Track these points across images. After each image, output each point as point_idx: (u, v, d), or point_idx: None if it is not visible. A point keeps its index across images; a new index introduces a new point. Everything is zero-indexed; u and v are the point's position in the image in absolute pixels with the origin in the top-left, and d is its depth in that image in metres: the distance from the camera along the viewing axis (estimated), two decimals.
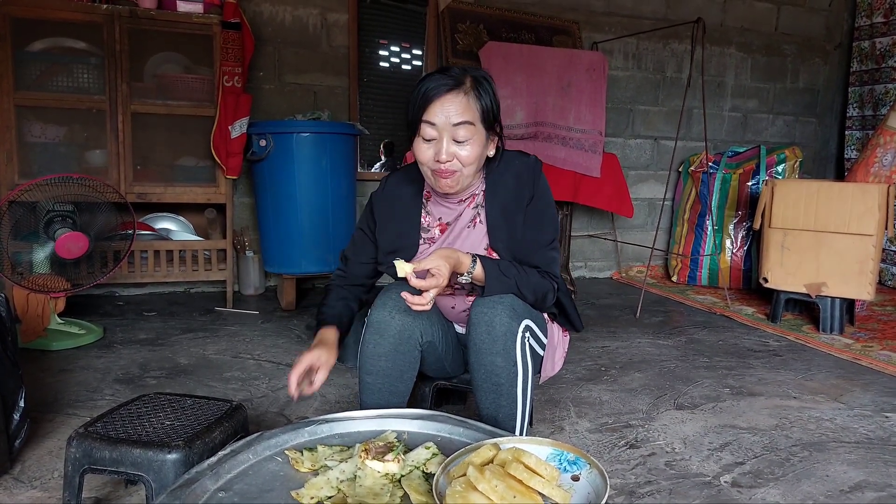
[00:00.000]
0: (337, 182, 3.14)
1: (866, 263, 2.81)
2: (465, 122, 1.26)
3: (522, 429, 1.37)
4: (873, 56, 4.16)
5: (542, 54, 3.50)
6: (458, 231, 1.42)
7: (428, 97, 1.26)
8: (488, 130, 1.32)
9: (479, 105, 1.29)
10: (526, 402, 1.36)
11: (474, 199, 1.42)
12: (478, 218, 1.41)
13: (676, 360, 2.51)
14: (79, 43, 2.87)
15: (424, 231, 1.45)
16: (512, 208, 1.39)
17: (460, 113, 1.26)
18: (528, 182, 1.39)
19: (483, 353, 1.31)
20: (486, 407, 1.35)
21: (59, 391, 2.02)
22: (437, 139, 1.28)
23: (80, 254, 2.42)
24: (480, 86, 1.30)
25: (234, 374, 2.22)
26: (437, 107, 1.26)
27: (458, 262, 1.27)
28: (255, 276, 3.49)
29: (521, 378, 1.33)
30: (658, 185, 4.36)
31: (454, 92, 1.26)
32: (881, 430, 1.89)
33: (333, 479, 1.01)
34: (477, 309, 1.31)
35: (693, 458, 1.68)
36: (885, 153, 2.86)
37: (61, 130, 2.93)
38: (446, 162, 1.28)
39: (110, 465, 1.16)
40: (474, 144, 1.29)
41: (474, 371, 1.34)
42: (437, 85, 1.26)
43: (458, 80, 1.28)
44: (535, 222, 1.39)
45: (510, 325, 1.30)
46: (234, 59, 2.97)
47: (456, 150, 1.28)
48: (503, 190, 1.39)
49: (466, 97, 1.27)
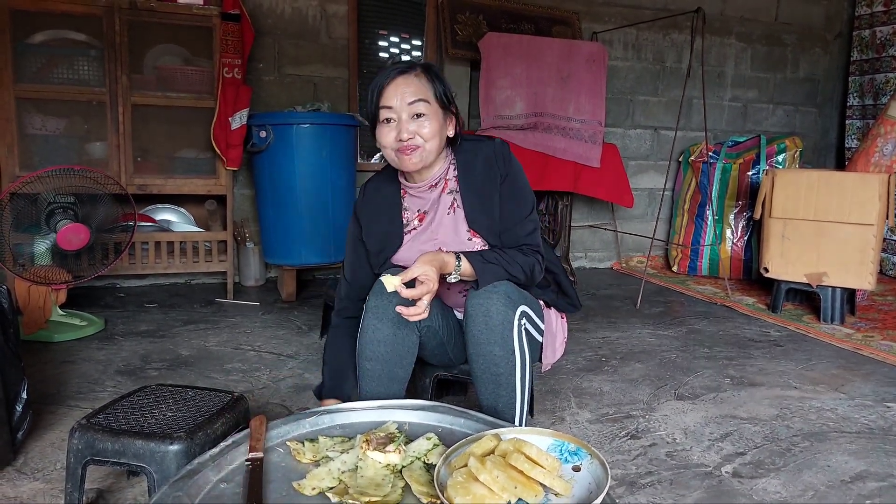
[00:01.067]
0: (337, 173, 3.13)
1: (867, 253, 2.81)
2: (419, 99, 1.34)
3: (522, 418, 1.38)
4: (873, 45, 4.14)
5: (542, 45, 3.48)
6: (438, 218, 1.46)
7: (381, 85, 1.34)
8: (444, 110, 1.39)
9: (432, 87, 1.36)
10: (525, 390, 1.37)
11: (447, 185, 1.46)
12: (455, 203, 1.45)
13: (677, 350, 2.52)
14: (79, 35, 2.86)
15: (406, 225, 1.49)
16: (487, 189, 1.43)
17: (413, 92, 1.34)
18: (498, 163, 1.44)
19: (481, 343, 1.32)
20: (486, 397, 1.36)
21: (61, 383, 2.03)
22: (396, 120, 1.35)
23: (82, 245, 2.42)
24: (430, 71, 1.38)
25: (235, 366, 2.23)
26: (390, 90, 1.34)
27: (443, 262, 1.30)
28: (255, 268, 3.49)
29: (519, 366, 1.34)
30: (658, 176, 4.35)
31: (404, 75, 1.35)
32: (882, 419, 1.89)
33: (335, 470, 1.01)
34: (473, 300, 1.32)
35: (694, 449, 1.69)
36: (886, 143, 2.85)
37: (62, 122, 2.92)
38: (408, 139, 1.34)
39: (112, 456, 1.16)
40: (432, 120, 1.36)
41: (473, 361, 1.35)
42: (388, 72, 1.35)
43: (408, 65, 1.36)
44: (511, 196, 1.44)
45: (506, 314, 1.31)
46: (234, 51, 2.96)
47: (416, 126, 1.34)
48: (474, 173, 1.45)
49: (417, 78, 1.35)
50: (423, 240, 1.46)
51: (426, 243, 1.45)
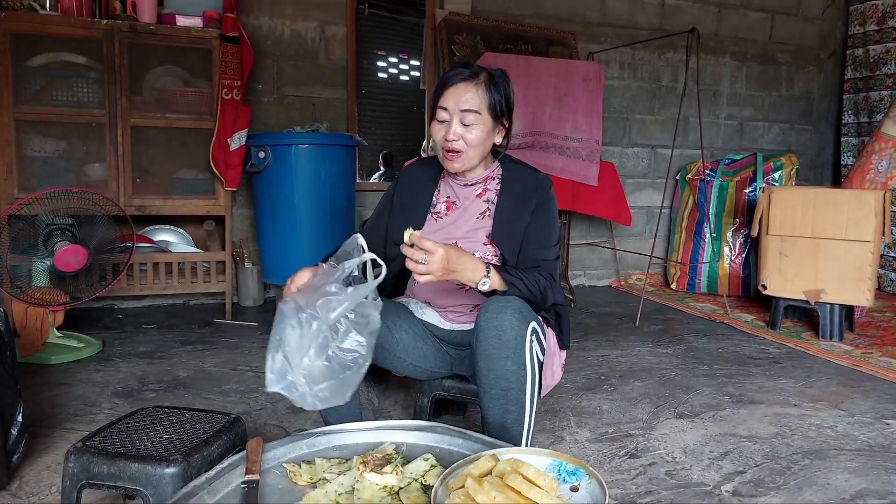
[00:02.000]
0: (336, 193, 3.15)
1: (864, 269, 2.82)
2: (471, 109, 1.42)
3: (529, 434, 1.38)
4: (867, 64, 4.19)
5: (539, 65, 3.52)
6: (467, 217, 1.54)
7: (444, 84, 1.44)
8: (495, 120, 1.46)
9: (489, 97, 1.43)
10: (533, 406, 1.37)
11: (485, 193, 1.55)
12: (487, 212, 1.54)
13: (676, 368, 2.51)
14: (78, 57, 2.89)
15: (433, 207, 1.59)
16: (519, 211, 1.50)
17: (469, 100, 1.42)
18: (537, 193, 1.51)
19: (493, 357, 1.31)
20: (494, 413, 1.35)
21: (58, 405, 2.02)
22: (448, 121, 1.44)
23: (79, 267, 2.42)
24: (493, 81, 1.45)
25: (233, 387, 2.22)
26: (449, 93, 1.43)
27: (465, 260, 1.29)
28: (254, 288, 3.49)
29: (529, 382, 1.34)
30: (656, 193, 4.37)
31: (467, 82, 1.42)
32: (882, 437, 1.88)
33: (332, 493, 1.01)
34: (485, 315, 1.33)
35: (694, 468, 1.67)
36: (881, 160, 2.87)
37: (61, 144, 2.94)
38: (453, 141, 1.43)
39: (108, 479, 1.16)
40: (479, 129, 1.44)
41: (482, 376, 1.34)
42: (454, 74, 1.44)
43: (475, 72, 1.44)
44: (541, 223, 1.51)
45: (519, 329, 1.31)
46: (233, 73, 2.99)
47: (463, 131, 1.43)
48: (513, 194, 1.52)
49: (477, 88, 1.43)
50: (444, 234, 1.53)
51: (448, 237, 1.52)
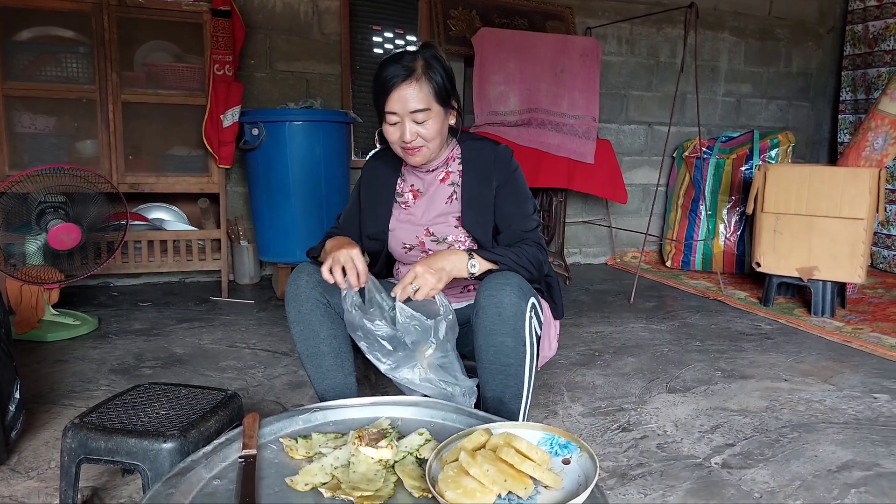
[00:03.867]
0: (331, 170, 3.13)
1: (857, 247, 2.83)
2: (419, 109, 1.40)
3: (526, 409, 1.41)
4: (866, 40, 4.15)
5: (536, 40, 3.48)
6: (435, 204, 1.54)
7: (385, 89, 1.40)
8: (445, 107, 1.45)
9: (432, 87, 1.40)
10: (531, 382, 1.40)
11: (449, 177, 1.55)
12: (454, 195, 1.54)
13: (669, 344, 2.54)
14: (67, 32, 2.85)
15: (399, 196, 1.60)
16: (483, 191, 1.51)
17: (415, 100, 1.39)
18: (500, 167, 1.51)
19: (493, 334, 1.33)
20: (493, 388, 1.37)
21: (55, 382, 2.03)
22: (400, 122, 1.42)
23: (73, 245, 2.41)
24: (431, 68, 1.41)
25: (229, 364, 2.23)
26: (394, 98, 1.39)
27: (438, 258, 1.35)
28: (249, 266, 3.49)
29: (528, 357, 1.37)
30: (652, 171, 4.36)
31: (407, 82, 1.38)
32: (869, 410, 1.91)
33: (328, 466, 1.02)
34: (485, 292, 1.34)
35: (684, 441, 1.70)
36: (877, 137, 2.87)
37: (51, 121, 2.91)
38: (411, 141, 1.43)
39: (106, 454, 1.17)
40: (433, 122, 1.42)
41: (482, 352, 1.36)
42: (391, 76, 1.39)
43: (410, 68, 1.39)
44: (512, 199, 1.51)
45: (519, 305, 1.33)
46: (225, 48, 2.95)
47: (418, 129, 1.42)
48: (475, 173, 1.52)
49: (419, 83, 1.39)
50: (420, 223, 1.55)
51: (420, 225, 1.54)
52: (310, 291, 1.43)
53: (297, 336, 1.46)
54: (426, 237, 1.54)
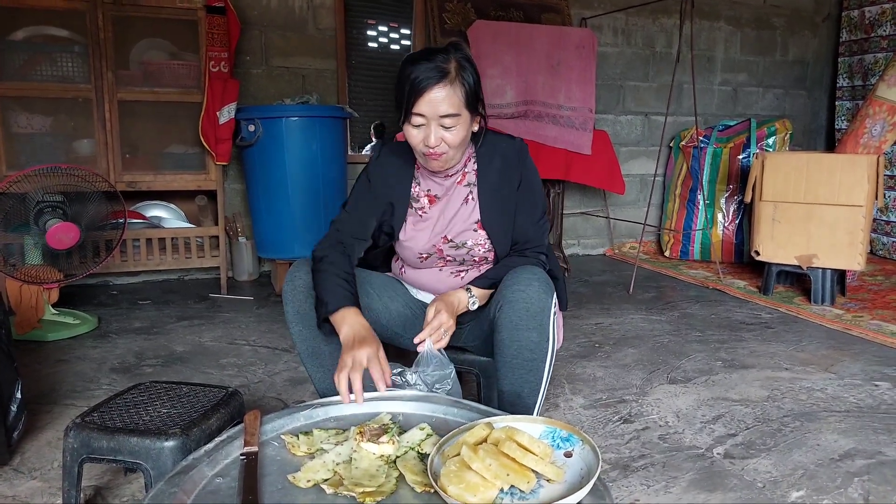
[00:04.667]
0: (327, 165, 3.12)
1: (856, 234, 2.83)
2: (450, 114, 1.32)
3: (541, 404, 1.41)
4: (862, 26, 4.14)
5: (531, 32, 3.46)
6: (452, 207, 1.49)
7: (416, 90, 1.30)
8: (472, 113, 1.38)
9: (464, 91, 1.33)
10: (549, 376, 1.40)
11: (465, 178, 1.49)
12: (470, 195, 1.48)
13: (669, 334, 2.54)
14: (62, 31, 2.83)
15: (414, 200, 1.52)
16: (504, 191, 1.47)
17: (447, 105, 1.31)
18: (516, 164, 1.48)
19: (520, 328, 1.33)
20: (511, 382, 1.37)
21: (56, 382, 2.03)
22: (426, 125, 1.34)
23: (72, 244, 2.41)
24: (464, 70, 1.34)
25: (230, 361, 2.23)
26: (424, 100, 1.31)
27: (455, 300, 1.38)
28: (248, 262, 3.48)
29: (550, 352, 1.37)
30: (649, 161, 4.36)
31: (441, 84, 1.30)
32: (871, 398, 1.92)
33: (329, 462, 1.02)
34: (513, 287, 1.34)
35: (686, 431, 1.70)
36: (875, 123, 2.86)
37: (47, 120, 2.90)
38: (435, 146, 1.35)
39: (108, 454, 1.17)
40: (460, 129, 1.35)
41: (504, 347, 1.36)
42: (424, 78, 1.30)
43: (443, 70, 1.31)
44: (526, 203, 1.48)
45: (546, 301, 1.33)
46: (220, 44, 2.94)
47: (443, 133, 1.34)
48: (493, 171, 1.48)
49: (452, 87, 1.31)
50: (437, 230, 1.49)
51: (437, 233, 1.49)
52: (308, 290, 1.41)
53: (297, 335, 1.44)
54: (444, 244, 1.49)
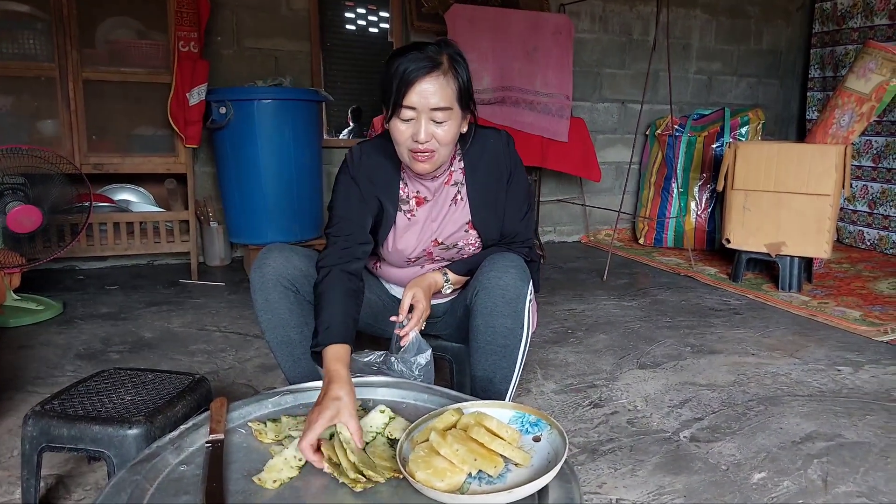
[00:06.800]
0: (301, 150, 3.08)
1: (823, 222, 2.89)
2: (442, 107, 1.25)
3: (513, 390, 1.42)
4: (834, 17, 4.20)
5: (509, 17, 3.44)
6: (440, 208, 1.44)
7: (406, 80, 1.23)
8: (463, 109, 1.31)
9: (456, 85, 1.27)
10: (522, 362, 1.40)
11: (452, 177, 1.44)
12: (458, 195, 1.44)
13: (640, 320, 2.57)
14: (23, 6, 2.74)
15: (403, 202, 1.44)
16: (492, 187, 1.44)
17: (439, 97, 1.24)
18: (504, 160, 1.44)
19: (495, 315, 1.33)
20: (484, 368, 1.37)
21: (19, 369, 1.98)
22: (415, 120, 1.26)
23: (34, 228, 2.34)
24: (457, 64, 1.28)
25: (200, 347, 2.20)
26: (415, 90, 1.23)
27: (431, 282, 1.40)
28: (220, 247, 3.43)
29: (524, 339, 1.37)
30: (625, 149, 4.38)
31: (432, 74, 1.23)
32: (833, 382, 1.96)
33: (292, 460, 1.00)
34: (488, 273, 1.33)
35: (654, 416, 1.73)
36: (843, 114, 2.91)
37: (8, 100, 2.80)
38: (425, 142, 1.27)
39: (69, 442, 1.14)
40: (451, 125, 1.28)
41: (479, 333, 1.36)
42: (416, 67, 1.23)
43: (435, 60, 1.24)
44: (515, 198, 1.46)
45: (521, 288, 1.33)
46: (190, 24, 2.86)
47: (434, 129, 1.27)
48: (481, 169, 1.43)
49: (445, 78, 1.25)
50: (427, 234, 1.44)
51: (427, 236, 1.44)
52: (277, 279, 1.37)
53: (266, 324, 1.41)
54: (434, 247, 1.45)
